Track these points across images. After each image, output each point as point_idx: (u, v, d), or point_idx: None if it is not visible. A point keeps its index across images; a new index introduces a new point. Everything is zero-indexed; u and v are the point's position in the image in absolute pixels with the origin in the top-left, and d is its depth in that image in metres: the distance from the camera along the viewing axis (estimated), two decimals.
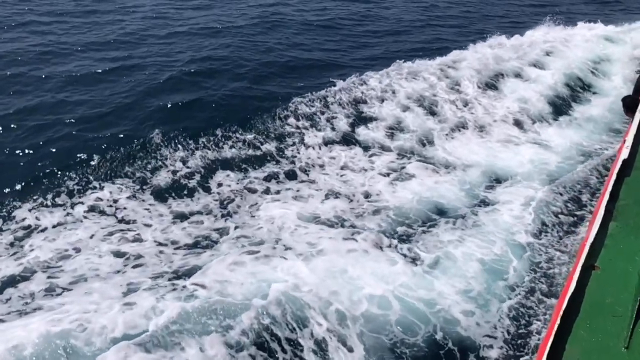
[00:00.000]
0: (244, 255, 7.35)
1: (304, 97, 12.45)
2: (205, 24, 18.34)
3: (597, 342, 5.13)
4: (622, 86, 14.82)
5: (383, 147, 11.23)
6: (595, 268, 6.04)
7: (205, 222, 8.34)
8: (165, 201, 8.74)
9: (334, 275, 7.08)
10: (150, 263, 7.21)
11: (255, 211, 8.60)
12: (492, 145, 11.69)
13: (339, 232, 8.20)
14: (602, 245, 6.40)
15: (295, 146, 10.79)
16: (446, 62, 15.12)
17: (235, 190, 9.20)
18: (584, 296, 5.60)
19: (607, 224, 6.72)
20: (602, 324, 5.30)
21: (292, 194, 9.29)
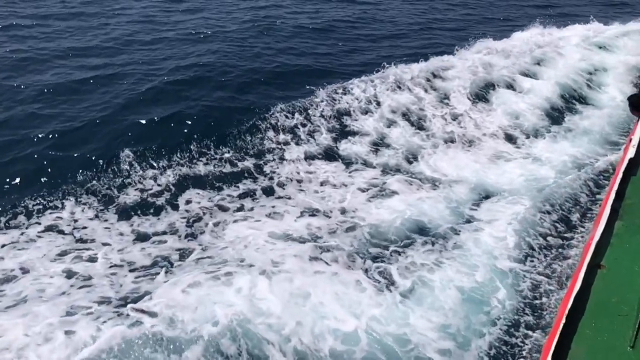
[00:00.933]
0: (202, 277, 7.00)
1: (287, 107, 12.15)
2: (193, 28, 18.04)
3: (603, 341, 5.16)
4: (617, 97, 14.52)
5: (366, 162, 10.91)
6: (601, 267, 6.09)
7: (168, 242, 8.04)
8: (129, 219, 8.45)
9: (297, 302, 6.75)
10: (99, 285, 6.90)
11: (222, 230, 8.30)
12: (482, 160, 11.33)
13: (309, 251, 7.87)
14: (608, 244, 6.46)
15: (274, 162, 10.50)
16: (434, 70, 14.83)
17: (205, 208, 8.87)
18: (589, 295, 5.63)
19: (613, 223, 6.79)
20: (608, 323, 5.33)
21: (266, 211, 8.98)
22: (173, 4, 21.63)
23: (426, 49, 17.06)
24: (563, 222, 9.31)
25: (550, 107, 13.77)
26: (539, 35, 18.33)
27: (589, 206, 9.81)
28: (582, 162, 11.14)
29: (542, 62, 16.14)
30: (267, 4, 22.98)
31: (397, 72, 14.18)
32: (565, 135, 12.48)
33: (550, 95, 14.14)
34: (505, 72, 14.92)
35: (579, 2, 27.21)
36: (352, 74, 14.42)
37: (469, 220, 9.05)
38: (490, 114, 13.18)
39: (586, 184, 10.39)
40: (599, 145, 12.04)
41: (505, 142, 12.11)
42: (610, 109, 13.91)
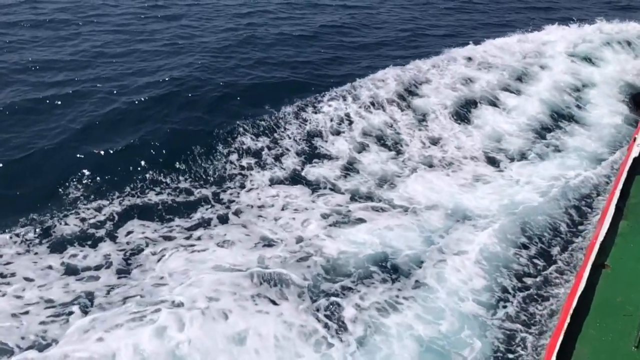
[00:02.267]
0: (122, 318, 6.62)
1: (254, 129, 11.87)
2: (169, 38, 17.66)
3: (607, 341, 5.27)
4: (605, 114, 14.17)
5: (334, 187, 10.54)
6: (605, 267, 6.25)
7: (98, 277, 7.59)
8: (61, 252, 7.94)
9: (228, 348, 6.34)
10: (4, 327, 6.32)
11: (162, 263, 7.88)
12: (460, 184, 10.96)
13: (253, 286, 7.52)
14: (612, 243, 6.61)
15: (235, 188, 10.15)
16: (412, 83, 14.54)
17: (148, 239, 8.47)
18: (593, 295, 5.78)
19: (617, 223, 6.95)
20: (612, 323, 5.46)
21: (216, 240, 8.61)
22: (151, 10, 21.34)
23: (409, 58, 16.50)
24: (542, 256, 8.78)
25: (535, 126, 13.44)
26: (519, 42, 17.72)
27: (570, 237, 9.30)
28: (566, 185, 10.68)
29: (525, 76, 15.78)
30: (251, 9, 22.71)
31: (372, 88, 13.66)
32: (549, 156, 12.13)
33: (535, 114, 13.85)
34: (487, 87, 14.43)
35: (581, 4, 26.72)
36: (329, 86, 14.14)
37: (438, 250, 8.65)
38: (471, 134, 12.68)
39: (567, 212, 9.86)
40: (586, 166, 11.66)
41: (487, 164, 11.78)
42: (597, 127, 13.55)
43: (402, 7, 25.55)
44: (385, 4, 26.11)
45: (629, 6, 26.74)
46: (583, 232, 9.52)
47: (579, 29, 19.06)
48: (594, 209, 10.07)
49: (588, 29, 19.09)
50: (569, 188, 10.57)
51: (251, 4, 23.89)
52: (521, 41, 17.92)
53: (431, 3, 26.62)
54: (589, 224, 9.70)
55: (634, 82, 16.03)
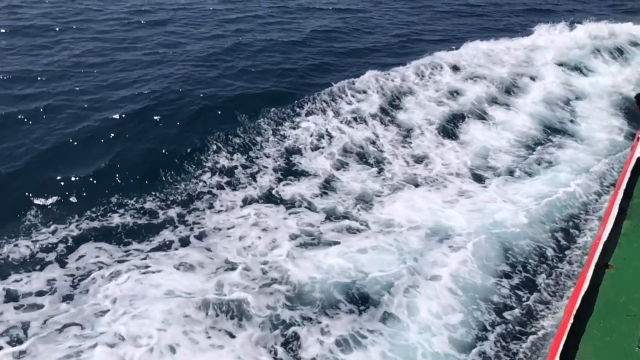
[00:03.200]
0: (54, 357, 6.28)
1: (230, 146, 11.63)
2: (152, 47, 17.37)
3: (611, 341, 5.35)
4: (598, 127, 13.87)
5: (310, 206, 10.19)
6: (608, 267, 6.32)
7: (42, 305, 7.32)
8: (4, 278, 7.72)
9: None
10: None
11: (111, 289, 7.53)
12: (443, 204, 10.54)
13: (208, 318, 7.19)
14: (615, 243, 6.69)
15: (203, 209, 9.75)
16: (393, 97, 14.24)
17: (101, 264, 8.05)
18: (597, 295, 5.85)
19: (620, 223, 7.02)
20: (616, 323, 5.54)
21: (174, 263, 8.30)
22: (136, 15, 21.15)
23: (397, 65, 16.20)
24: (525, 286, 8.37)
25: (524, 141, 13.17)
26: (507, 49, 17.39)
27: (555, 263, 8.95)
28: (552, 204, 10.36)
29: (514, 88, 15.45)
30: (240, 14, 22.49)
31: (353, 102, 13.29)
32: (538, 173, 11.77)
33: (524, 128, 13.65)
34: (474, 100, 14.03)
35: (584, 7, 26.41)
36: (311, 97, 13.85)
37: (411, 276, 8.30)
38: (458, 151, 12.37)
39: (553, 236, 9.44)
40: (576, 183, 11.25)
41: (472, 182, 11.42)
42: (590, 141, 13.26)
43: (396, 11, 25.51)
44: (379, 7, 26.03)
45: (632, 9, 26.36)
46: (569, 257, 9.09)
47: (569, 34, 18.55)
48: (581, 231, 9.69)
49: (578, 33, 18.53)
50: (556, 207, 10.15)
51: (240, 8, 23.67)
52: (509, 48, 17.41)
53: (427, 6, 26.24)
54: (577, 247, 9.42)
55: (627, 93, 15.61)
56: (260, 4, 24.93)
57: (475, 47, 17.17)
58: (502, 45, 17.85)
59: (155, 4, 23.67)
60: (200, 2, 24.61)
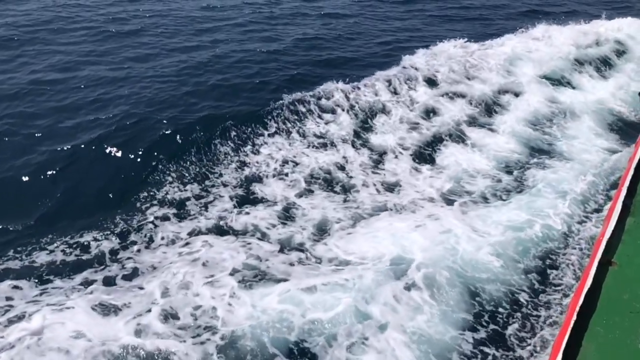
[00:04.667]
0: None
1: (184, 176, 11.33)
2: (118, 62, 17.19)
3: (614, 338, 5.44)
4: (583, 148, 13.37)
5: (264, 237, 9.88)
6: (612, 264, 6.41)
7: None
8: None
9: None
10: None
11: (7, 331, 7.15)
12: (409, 236, 9.93)
13: None
14: (619, 240, 6.78)
15: (142, 244, 9.25)
16: (365, 118, 13.90)
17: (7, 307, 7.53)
18: (600, 292, 5.95)
19: (624, 219, 7.15)
20: (619, 320, 5.63)
21: (91, 305, 7.88)
22: (110, 24, 20.97)
23: (376, 75, 15.84)
24: (493, 341, 7.88)
25: (504, 164, 12.76)
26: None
27: (530, 311, 8.43)
28: (530, 236, 9.93)
29: (495, 106, 15.12)
30: (218, 23, 22.22)
31: (321, 123, 12.84)
32: (517, 199, 11.26)
33: (504, 150, 13.20)
34: (451, 121, 13.54)
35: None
36: (278, 116, 13.57)
37: (361, 324, 7.83)
38: (433, 176, 11.98)
39: (528, 277, 8.92)
40: (558, 209, 10.76)
41: (445, 208, 10.91)
42: (575, 162, 12.78)
43: (386, 16, 25.14)
44: (368, 11, 25.66)
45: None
46: (546, 302, 8.58)
47: (553, 41, 18.12)
48: (559, 269, 9.22)
49: (561, 39, 18.11)
50: (532, 241, 9.73)
51: (220, 16, 23.36)
52: (485, 57, 16.94)
53: (419, 10, 25.82)
54: (556, 292, 8.88)
55: (617, 110, 15.12)
56: (242, 11, 24.56)
57: (450, 56, 16.63)
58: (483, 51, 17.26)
59: (131, 11, 23.35)
60: (178, 9, 24.25)
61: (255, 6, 26.00)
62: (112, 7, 24.01)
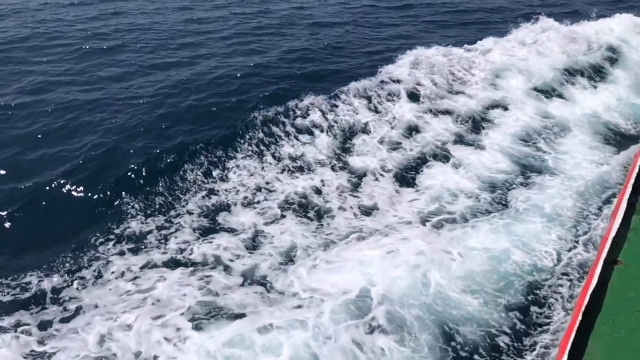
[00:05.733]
0: None
1: (147, 208, 11.06)
2: (93, 83, 17.10)
3: (620, 338, 5.52)
4: (576, 164, 12.97)
5: (226, 268, 9.55)
6: (618, 262, 6.53)
7: None
8: None
9: None
10: None
11: None
12: (380, 265, 9.52)
13: None
14: (624, 239, 6.91)
15: (89, 279, 9.00)
16: (344, 139, 13.59)
17: None
18: (606, 291, 6.06)
19: (629, 218, 7.27)
20: (625, 319, 5.72)
21: (24, 352, 7.68)
22: (88, 40, 20.77)
23: (358, 94, 15.52)
24: None
25: (491, 183, 12.37)
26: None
27: (513, 356, 7.93)
28: (514, 268, 9.49)
29: (483, 122, 14.66)
30: (203, 37, 22.08)
31: (298, 145, 12.51)
32: (503, 222, 10.85)
33: (491, 169, 12.81)
34: (435, 140, 13.17)
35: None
36: (252, 140, 13.34)
37: None
38: (415, 198, 11.77)
39: (509, 317, 8.45)
40: (548, 235, 10.34)
41: (424, 233, 10.50)
42: (567, 180, 12.33)
43: (378, 23, 24.96)
44: (359, 19, 25.37)
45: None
46: (531, 347, 8.09)
47: (544, 49, 17.76)
48: (544, 309, 8.63)
49: (550, 46, 17.75)
50: (516, 274, 9.21)
51: (204, 29, 23.29)
52: (471, 67, 16.51)
53: (412, 16, 25.46)
54: (542, 333, 8.36)
55: (613, 122, 14.66)
56: (228, 22, 24.34)
57: (434, 64, 16.32)
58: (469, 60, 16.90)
59: (112, 25, 23.26)
60: (162, 22, 24.10)
61: (243, 16, 25.81)
62: (93, 22, 23.91)
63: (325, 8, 27.71)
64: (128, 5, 27.58)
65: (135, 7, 27.45)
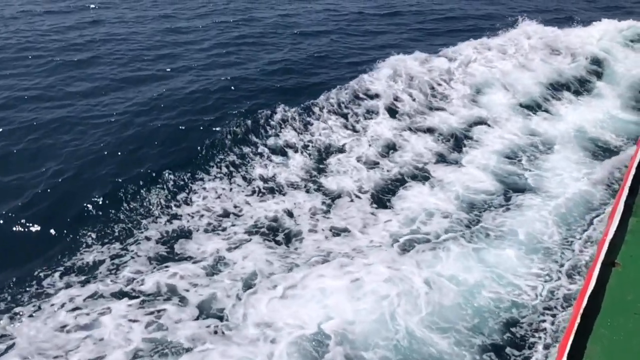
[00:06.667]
0: None
1: (105, 237, 10.60)
2: (57, 102, 16.09)
3: (619, 340, 5.58)
4: (561, 183, 12.59)
5: (182, 300, 9.14)
6: (615, 265, 6.61)
7: None
8: None
9: None
10: None
11: None
12: (341, 296, 9.13)
13: None
14: (622, 241, 6.98)
15: (27, 315, 8.71)
16: (319, 159, 13.21)
17: None
18: (604, 294, 6.13)
19: (626, 220, 7.36)
20: (624, 322, 5.79)
21: None
22: (64, 53, 20.43)
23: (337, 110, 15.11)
24: None
25: (471, 203, 12.01)
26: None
27: None
28: (488, 306, 8.98)
29: (465, 140, 14.38)
30: (181, 49, 22.04)
31: (269, 165, 12.10)
32: (478, 249, 10.44)
33: (474, 188, 12.47)
34: (412, 161, 12.83)
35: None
36: (219, 162, 12.96)
37: None
38: (389, 219, 11.42)
39: None
40: (528, 264, 9.92)
41: (391, 259, 10.06)
42: (551, 200, 11.92)
43: (364, 31, 24.81)
44: (345, 27, 25.26)
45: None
46: None
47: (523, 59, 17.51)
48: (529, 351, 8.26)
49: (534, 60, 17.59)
50: (490, 310, 8.78)
51: (184, 40, 23.34)
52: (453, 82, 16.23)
53: (397, 24, 25.22)
54: None
55: (599, 136, 14.35)
56: (208, 33, 24.13)
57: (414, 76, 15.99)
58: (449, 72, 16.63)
59: (88, 35, 23.31)
60: (140, 33, 23.86)
61: (225, 25, 25.60)
62: (68, 32, 23.70)
63: (310, 15, 27.48)
64: (107, 14, 27.35)
65: (114, 15, 27.22)
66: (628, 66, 19.24)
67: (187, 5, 29.80)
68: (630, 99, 17.36)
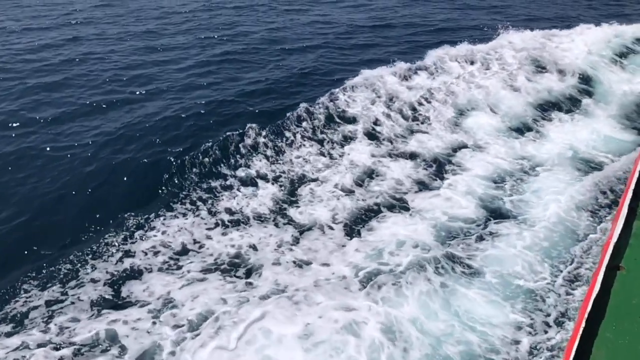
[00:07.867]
0: None
1: (47, 278, 10.08)
2: (16, 131, 15.78)
3: (624, 344, 5.74)
4: (553, 210, 11.96)
5: (120, 353, 8.56)
6: (620, 268, 6.69)
7: None
8: None
9: None
10: None
11: None
12: (290, 342, 8.63)
13: None
14: (626, 244, 7.05)
15: None
16: (292, 189, 12.80)
17: None
18: (609, 298, 6.27)
19: (631, 223, 7.42)
20: (629, 326, 5.96)
21: None
22: (39, 74, 20.09)
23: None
24: None
25: (451, 235, 11.45)
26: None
27: None
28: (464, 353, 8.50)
29: (447, 164, 13.96)
30: (162, 68, 21.74)
31: (240, 196, 11.74)
32: (451, 292, 9.84)
33: (455, 216, 11.96)
34: (389, 190, 12.41)
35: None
36: (184, 201, 12.48)
37: None
38: (359, 249, 10.95)
39: None
40: (512, 306, 9.39)
41: (350, 297, 9.56)
42: (540, 229, 11.38)
43: (352, 45, 24.57)
44: (332, 42, 25.22)
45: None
46: None
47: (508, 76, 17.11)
48: None
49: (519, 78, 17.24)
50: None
51: (162, 59, 23.01)
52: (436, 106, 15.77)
53: (384, 37, 24.96)
54: None
55: (589, 157, 13.80)
56: (190, 51, 23.84)
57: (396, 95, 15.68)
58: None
59: (65, 54, 23.24)
60: (120, 51, 23.62)
61: (208, 42, 25.38)
62: (43, 51, 23.51)
63: (298, 29, 27.22)
64: (88, 30, 27.19)
65: (96, 32, 27.05)
66: (616, 83, 18.95)
67: (172, 20, 29.61)
68: (622, 117, 16.96)
